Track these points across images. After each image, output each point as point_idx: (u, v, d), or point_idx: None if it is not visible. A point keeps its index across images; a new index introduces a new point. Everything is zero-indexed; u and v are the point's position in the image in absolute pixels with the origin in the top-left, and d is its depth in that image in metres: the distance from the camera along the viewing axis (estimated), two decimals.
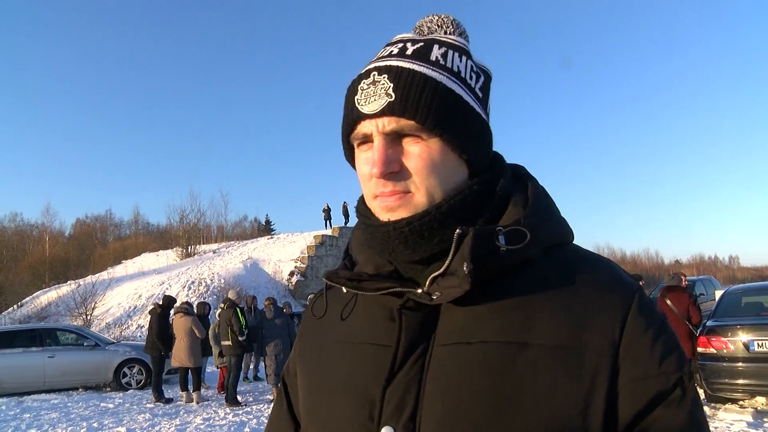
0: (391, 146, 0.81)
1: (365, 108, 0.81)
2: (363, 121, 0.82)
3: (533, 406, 0.74)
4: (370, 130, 0.82)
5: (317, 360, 0.94)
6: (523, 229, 0.79)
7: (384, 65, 0.82)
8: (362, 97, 0.82)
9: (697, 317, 8.74)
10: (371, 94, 0.81)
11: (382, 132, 0.81)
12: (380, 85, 0.81)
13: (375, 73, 0.82)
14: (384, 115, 0.80)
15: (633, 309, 0.79)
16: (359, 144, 0.86)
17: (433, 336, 0.81)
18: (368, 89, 0.81)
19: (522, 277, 0.81)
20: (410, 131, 0.80)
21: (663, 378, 0.77)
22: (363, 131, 0.83)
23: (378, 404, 0.80)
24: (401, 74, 0.80)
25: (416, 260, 0.84)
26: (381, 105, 0.80)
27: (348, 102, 0.85)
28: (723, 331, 8.27)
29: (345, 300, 0.93)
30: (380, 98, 0.80)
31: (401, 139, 0.82)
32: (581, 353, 0.76)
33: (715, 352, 8.19)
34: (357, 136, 0.85)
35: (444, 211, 0.80)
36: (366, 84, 0.82)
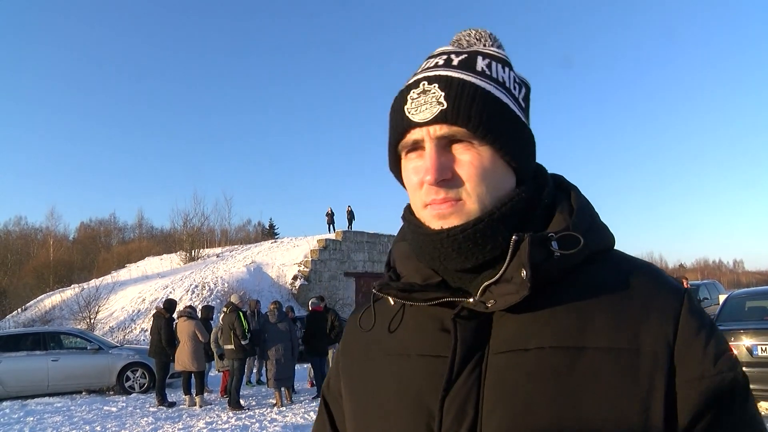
0: (443, 153, 0.82)
1: (416, 116, 0.83)
2: (414, 129, 0.84)
3: (594, 409, 0.75)
4: (422, 136, 0.83)
5: (366, 374, 0.94)
6: (576, 235, 0.81)
7: (433, 75, 0.84)
8: (413, 106, 0.83)
9: None
10: (422, 103, 0.83)
11: (434, 138, 0.82)
12: (431, 93, 0.82)
13: (425, 83, 0.84)
14: (436, 123, 0.82)
15: (684, 311, 0.80)
16: (407, 152, 0.87)
17: (488, 344, 0.82)
18: (418, 98, 0.83)
19: (572, 283, 0.82)
20: (462, 138, 0.82)
21: (719, 378, 0.77)
22: (413, 138, 0.84)
23: (437, 414, 0.80)
24: (452, 83, 0.82)
25: (468, 268, 0.84)
26: (434, 113, 0.81)
27: (397, 111, 0.87)
28: (727, 336, 8.23)
29: (392, 313, 0.93)
30: (432, 106, 0.82)
31: (452, 146, 0.83)
32: (637, 355, 0.77)
33: None
34: (406, 144, 0.86)
35: (497, 219, 0.82)
36: (416, 93, 0.84)
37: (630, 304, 0.80)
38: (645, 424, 0.74)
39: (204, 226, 40.93)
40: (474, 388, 0.80)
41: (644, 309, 0.80)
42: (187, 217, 38.50)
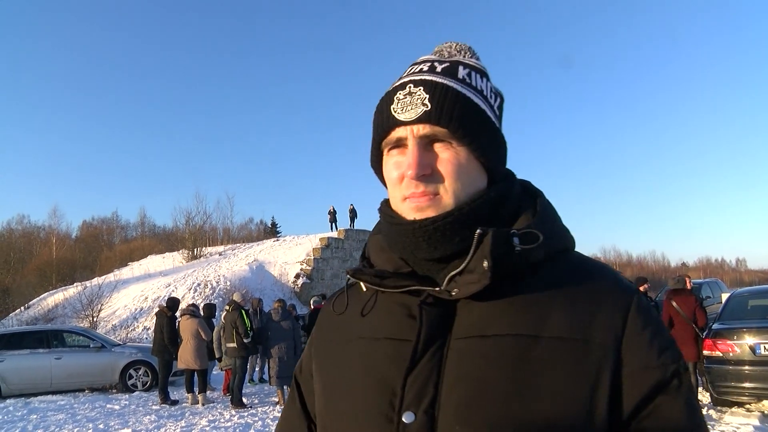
0: (424, 151, 0.89)
1: (402, 116, 0.90)
2: (398, 127, 0.90)
3: (544, 393, 0.81)
4: (405, 134, 0.90)
5: (338, 355, 1.00)
6: (535, 232, 0.88)
7: (419, 79, 0.91)
8: (399, 106, 0.90)
9: (703, 320, 8.69)
10: (408, 104, 0.89)
11: (417, 136, 0.89)
12: (416, 95, 0.89)
13: (411, 86, 0.91)
14: (420, 122, 0.89)
15: (633, 308, 0.87)
16: (390, 149, 0.94)
17: (451, 330, 0.88)
18: (405, 99, 0.90)
19: (532, 279, 0.89)
20: (442, 137, 0.89)
21: (662, 369, 0.85)
22: (397, 136, 0.91)
23: (399, 392, 0.86)
24: (436, 87, 0.90)
25: (436, 258, 0.91)
26: (418, 113, 0.88)
27: (383, 110, 0.93)
28: (729, 334, 8.23)
29: (364, 298, 1.00)
30: (417, 107, 0.89)
31: (432, 144, 0.90)
32: (588, 346, 0.84)
33: (721, 355, 8.16)
34: (390, 141, 0.93)
35: (465, 213, 0.88)
36: (402, 95, 0.91)
37: (584, 300, 0.87)
38: (591, 408, 0.81)
39: (206, 224, 41.09)
40: (435, 369, 0.86)
41: (597, 305, 0.87)
42: (190, 216, 38.66)
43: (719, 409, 8.43)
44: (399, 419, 0.85)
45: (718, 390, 8.23)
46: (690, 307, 8.71)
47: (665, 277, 78.32)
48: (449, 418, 0.83)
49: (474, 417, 0.81)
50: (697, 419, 0.85)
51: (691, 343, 8.60)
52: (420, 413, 0.84)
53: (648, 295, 11.54)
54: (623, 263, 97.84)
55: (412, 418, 0.84)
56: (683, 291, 9.07)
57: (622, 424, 0.83)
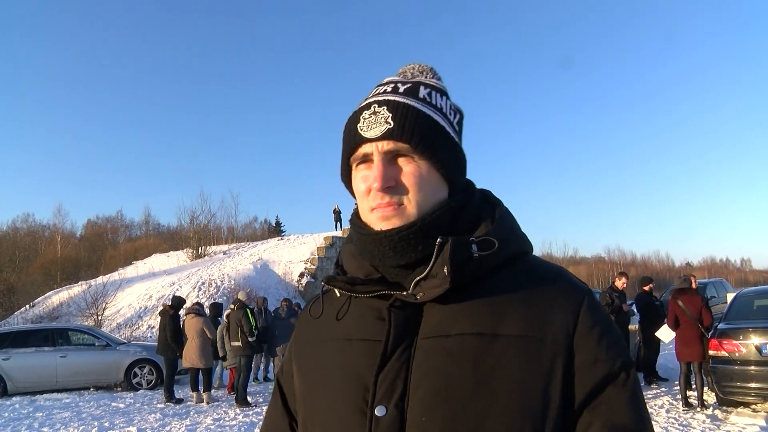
0: (388, 164, 0.97)
1: (367, 133, 0.97)
2: (364, 144, 0.98)
3: (504, 385, 0.89)
4: (371, 150, 0.97)
5: (316, 356, 1.08)
6: (492, 239, 0.96)
7: (383, 99, 0.99)
8: (364, 124, 0.98)
9: (708, 320, 8.67)
10: (373, 122, 0.97)
11: (382, 152, 0.96)
12: (380, 114, 0.97)
13: (375, 105, 0.98)
14: (384, 139, 0.96)
15: (583, 308, 0.95)
16: (358, 164, 1.01)
17: (418, 331, 0.96)
18: (370, 118, 0.97)
19: (493, 281, 0.97)
20: (405, 152, 0.97)
21: (610, 363, 0.93)
22: (363, 152, 0.98)
23: (372, 388, 0.94)
24: (398, 107, 0.97)
25: (402, 264, 0.98)
26: (382, 131, 0.96)
27: (350, 129, 1.00)
28: (735, 334, 8.22)
29: (339, 303, 1.07)
30: (381, 125, 0.96)
31: (396, 159, 0.97)
32: (542, 342, 0.92)
33: (726, 355, 8.14)
34: (357, 156, 1.00)
35: (428, 223, 0.96)
36: (367, 114, 0.98)
37: (539, 300, 0.95)
38: (544, 401, 0.89)
39: (211, 223, 41.16)
40: (404, 367, 0.94)
41: (550, 304, 0.95)
42: (194, 215, 38.74)
43: (725, 410, 8.41)
44: (372, 413, 0.93)
45: (724, 390, 8.21)
46: (696, 307, 8.69)
47: (669, 276, 78.14)
48: (417, 411, 0.90)
49: (439, 410, 0.89)
50: (641, 409, 0.93)
51: (696, 342, 8.59)
52: (391, 407, 0.92)
53: (653, 295, 11.53)
54: (627, 263, 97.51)
55: (383, 412, 0.92)
56: (689, 290, 9.06)
57: (574, 413, 0.91)
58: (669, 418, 8.12)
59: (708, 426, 7.66)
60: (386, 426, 0.91)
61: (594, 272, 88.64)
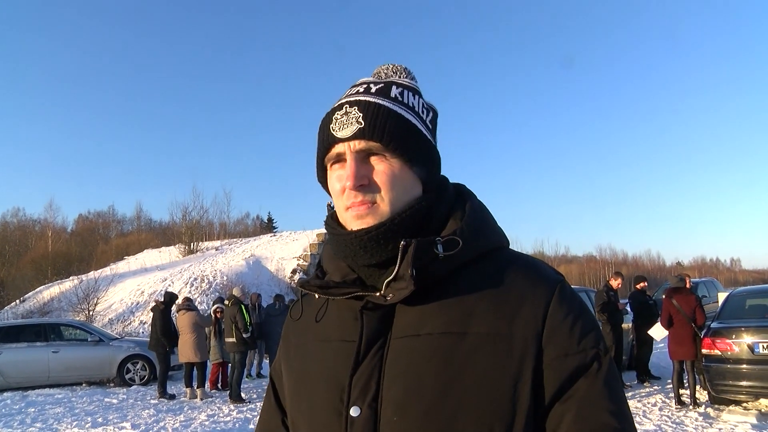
0: (361, 164, 0.98)
1: (339, 133, 0.99)
2: (337, 144, 1.00)
3: (473, 384, 0.90)
4: (343, 150, 0.99)
5: (299, 356, 1.11)
6: (456, 238, 0.96)
7: (354, 99, 1.01)
8: (336, 125, 0.99)
9: (702, 319, 8.76)
10: (344, 123, 0.99)
11: (354, 151, 0.98)
12: (352, 115, 0.98)
13: (347, 106, 1.00)
14: (355, 138, 0.98)
15: (554, 300, 0.95)
16: (332, 164, 1.03)
17: (390, 331, 0.98)
18: (342, 119, 0.99)
19: (462, 279, 0.98)
20: (376, 151, 0.98)
21: (582, 354, 0.92)
22: (337, 152, 1.00)
23: (347, 389, 0.96)
24: (369, 106, 0.99)
25: (373, 264, 0.99)
26: (353, 131, 0.97)
27: (323, 130, 1.02)
28: (728, 333, 8.30)
29: (318, 305, 1.09)
30: (352, 125, 0.98)
31: (369, 158, 0.99)
32: (511, 339, 0.92)
33: (719, 353, 8.22)
34: (331, 157, 1.02)
35: (397, 223, 0.97)
36: (339, 114, 1.00)
37: (510, 295, 0.95)
38: (514, 396, 0.89)
39: (203, 219, 40.91)
40: (377, 367, 0.96)
41: (520, 299, 0.95)
42: (186, 210, 38.43)
43: (717, 407, 8.49)
44: (347, 413, 0.95)
45: (717, 388, 8.29)
46: (690, 306, 8.78)
47: (661, 276, 78.48)
48: (389, 411, 0.92)
49: (410, 410, 0.91)
50: (618, 399, 0.92)
51: (689, 341, 8.68)
52: (365, 407, 0.94)
53: (647, 294, 11.61)
54: (619, 262, 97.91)
55: (358, 412, 0.94)
56: (683, 290, 9.15)
57: (544, 409, 0.91)
58: (662, 416, 8.19)
59: (700, 424, 7.74)
60: (360, 426, 0.93)
61: (585, 271, 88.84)
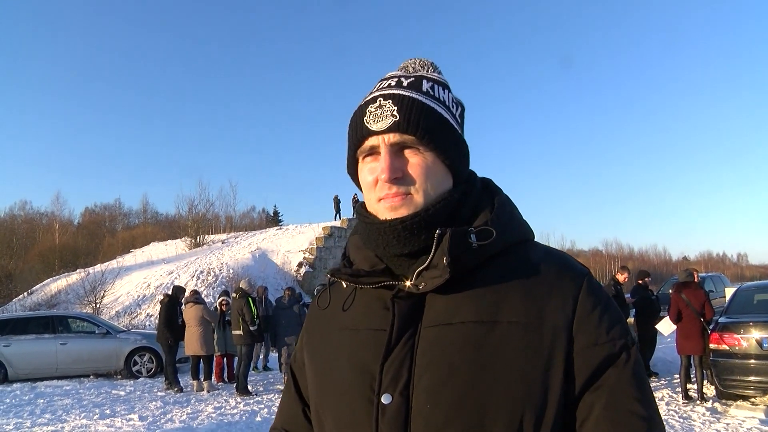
0: (395, 156, 0.99)
1: (374, 126, 1.00)
2: (371, 136, 1.01)
3: (504, 372, 0.91)
4: (377, 143, 1.00)
5: (325, 346, 1.12)
6: (490, 229, 0.98)
7: (388, 93, 1.02)
8: (371, 118, 1.00)
9: (710, 314, 8.74)
10: (379, 116, 1.00)
11: (389, 144, 0.99)
12: (386, 108, 1.00)
13: (380, 99, 1.01)
14: (390, 131, 0.99)
15: (583, 290, 0.97)
16: (364, 157, 1.04)
17: (421, 320, 0.98)
18: (376, 111, 1.00)
19: (493, 269, 0.99)
20: (411, 144, 0.99)
21: (611, 344, 0.94)
22: (370, 144, 1.01)
23: (378, 377, 0.97)
24: (403, 100, 1.00)
25: (405, 254, 1.00)
26: (388, 123, 0.99)
27: (356, 122, 1.03)
28: (736, 328, 8.27)
29: (345, 294, 1.10)
30: (387, 118, 0.99)
31: (402, 151, 1.00)
32: (542, 328, 0.93)
33: (727, 348, 8.19)
34: (364, 149, 1.03)
35: (431, 214, 0.98)
36: (373, 107, 1.01)
37: (538, 286, 0.97)
38: (545, 384, 0.91)
39: (209, 212, 40.99)
40: (408, 356, 0.96)
41: (550, 289, 0.97)
42: (193, 203, 38.54)
43: (724, 402, 8.45)
44: (378, 401, 0.96)
45: (724, 383, 8.25)
46: (700, 300, 8.75)
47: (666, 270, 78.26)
48: (421, 399, 0.93)
49: (442, 398, 0.92)
50: (644, 389, 0.94)
51: (698, 336, 8.65)
52: (396, 395, 0.95)
53: (649, 289, 11.56)
54: (625, 256, 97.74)
55: (389, 400, 0.95)
56: (692, 284, 9.11)
57: (575, 398, 0.93)
58: (669, 411, 8.17)
59: (708, 419, 7.72)
60: (392, 413, 0.94)
61: (591, 265, 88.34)
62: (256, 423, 8.47)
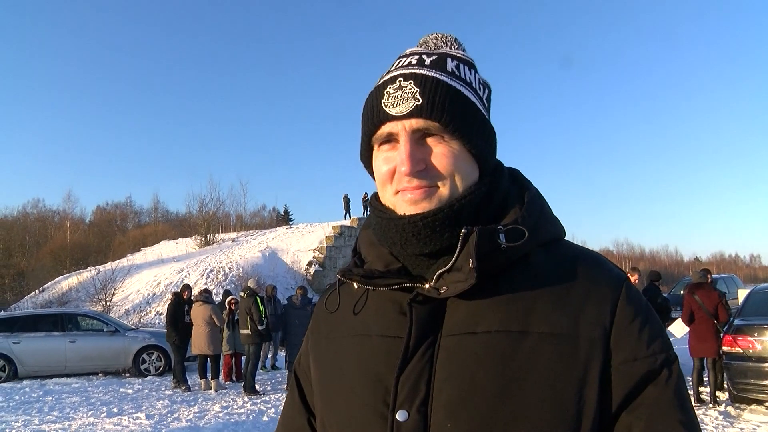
0: (417, 145, 0.88)
1: (393, 110, 0.88)
2: (389, 122, 0.89)
3: (534, 389, 0.81)
4: (396, 130, 0.89)
5: (332, 352, 1.01)
6: (521, 228, 0.87)
7: (409, 72, 0.89)
8: (389, 100, 0.89)
9: (724, 316, 8.58)
10: (399, 98, 0.88)
11: (410, 131, 0.88)
12: (407, 90, 0.88)
13: (401, 79, 0.89)
14: (412, 117, 0.87)
15: (621, 299, 0.87)
16: (380, 144, 0.93)
17: (441, 327, 0.88)
18: (396, 93, 0.88)
19: (521, 272, 0.89)
20: (434, 132, 0.88)
21: (651, 359, 0.85)
22: (388, 131, 0.90)
23: (393, 390, 0.87)
24: (426, 81, 0.88)
25: (425, 253, 0.90)
26: (409, 107, 0.87)
27: (372, 105, 0.92)
28: (750, 331, 8.13)
29: (356, 296, 0.99)
30: (408, 101, 0.87)
31: (425, 138, 0.89)
32: (576, 340, 0.84)
33: (741, 351, 8.07)
34: (380, 136, 0.91)
35: (456, 210, 0.88)
36: (392, 89, 0.89)
37: (572, 292, 0.87)
38: (579, 405, 0.81)
39: (219, 210, 41.14)
40: (426, 368, 0.86)
41: (584, 297, 0.87)
42: (203, 202, 38.74)
43: (738, 407, 8.33)
44: (393, 417, 0.86)
45: (738, 387, 8.13)
46: (713, 302, 8.60)
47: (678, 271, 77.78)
48: (441, 416, 0.83)
49: (464, 415, 0.82)
50: (688, 410, 0.85)
51: (711, 338, 8.51)
52: (413, 412, 0.85)
53: (659, 290, 11.41)
54: (636, 257, 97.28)
55: (405, 417, 0.85)
56: (705, 285, 8.96)
57: (612, 416, 0.84)
58: None
59: (721, 423, 7.60)
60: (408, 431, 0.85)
61: None
62: (263, 422, 8.44)
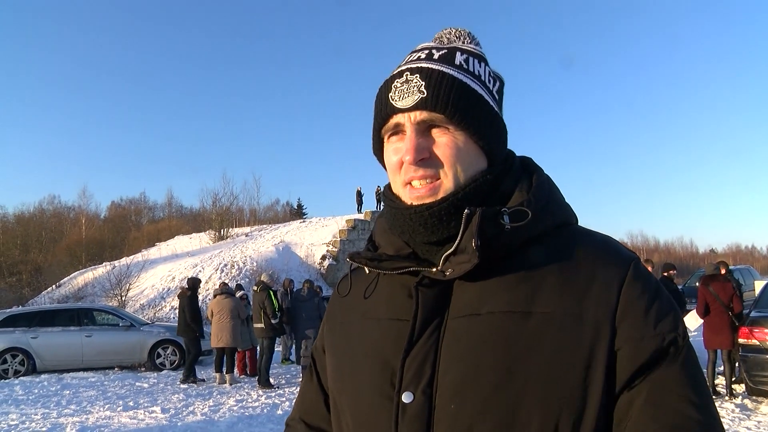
0: (422, 136, 0.91)
1: (399, 103, 0.91)
2: (396, 114, 0.92)
3: (538, 369, 0.82)
4: (403, 121, 0.92)
5: (345, 335, 1.05)
6: (525, 209, 0.89)
7: (416, 66, 0.93)
8: (396, 93, 0.92)
9: (739, 307, 8.51)
10: (405, 91, 0.91)
11: (414, 123, 0.91)
12: (413, 83, 0.91)
13: (407, 73, 0.92)
14: (417, 109, 0.90)
15: (628, 278, 0.87)
16: (389, 136, 0.96)
17: (447, 310, 0.90)
18: (402, 87, 0.92)
19: (527, 255, 0.90)
20: (439, 123, 0.91)
21: (658, 338, 0.84)
22: (395, 123, 0.93)
23: (399, 372, 0.89)
24: (432, 74, 0.91)
25: (433, 241, 0.92)
26: (414, 100, 0.90)
27: (381, 98, 0.95)
28: (766, 323, 8.04)
29: (368, 280, 1.03)
30: (413, 94, 0.90)
31: (430, 130, 0.92)
32: (582, 321, 0.84)
33: (757, 343, 7.99)
34: (389, 128, 0.95)
35: (461, 198, 0.90)
36: (399, 83, 0.92)
37: (577, 274, 0.87)
38: (585, 383, 0.82)
39: (233, 205, 41.32)
40: (432, 350, 0.88)
41: (590, 277, 0.87)
42: (217, 197, 38.95)
43: (755, 399, 8.26)
44: (399, 399, 0.88)
45: (754, 379, 8.06)
46: (728, 294, 8.52)
47: (693, 263, 77.14)
48: (445, 397, 0.85)
49: (468, 396, 0.84)
50: (700, 391, 0.83)
51: (726, 330, 8.43)
52: (418, 393, 0.87)
53: (674, 282, 11.32)
54: (650, 249, 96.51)
55: (410, 398, 0.87)
56: (719, 277, 8.88)
57: (617, 396, 0.83)
58: None
59: (737, 415, 7.54)
60: (413, 413, 0.87)
61: None
62: (278, 416, 8.48)
